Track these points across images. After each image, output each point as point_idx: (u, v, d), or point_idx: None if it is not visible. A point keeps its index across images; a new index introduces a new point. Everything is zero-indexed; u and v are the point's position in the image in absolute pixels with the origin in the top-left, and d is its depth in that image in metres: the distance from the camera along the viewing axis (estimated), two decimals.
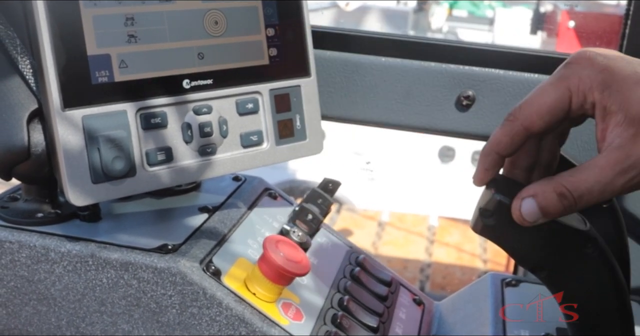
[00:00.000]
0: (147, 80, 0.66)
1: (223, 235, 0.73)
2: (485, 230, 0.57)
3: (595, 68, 0.54)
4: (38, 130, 0.65)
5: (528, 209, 0.54)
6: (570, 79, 0.54)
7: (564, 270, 0.59)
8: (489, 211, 0.56)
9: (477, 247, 3.98)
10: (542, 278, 0.60)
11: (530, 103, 0.56)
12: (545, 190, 0.53)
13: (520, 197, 0.54)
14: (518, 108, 0.56)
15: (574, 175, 0.53)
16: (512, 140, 0.56)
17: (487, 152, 0.58)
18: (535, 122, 0.55)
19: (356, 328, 0.72)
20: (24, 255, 0.68)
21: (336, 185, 0.81)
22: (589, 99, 0.54)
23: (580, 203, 0.53)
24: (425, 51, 0.93)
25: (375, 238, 3.95)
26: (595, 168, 0.52)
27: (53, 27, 0.61)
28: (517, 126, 0.56)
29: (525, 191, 0.54)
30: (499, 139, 0.57)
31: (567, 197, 0.53)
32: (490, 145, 0.58)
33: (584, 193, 0.52)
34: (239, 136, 0.73)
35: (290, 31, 0.76)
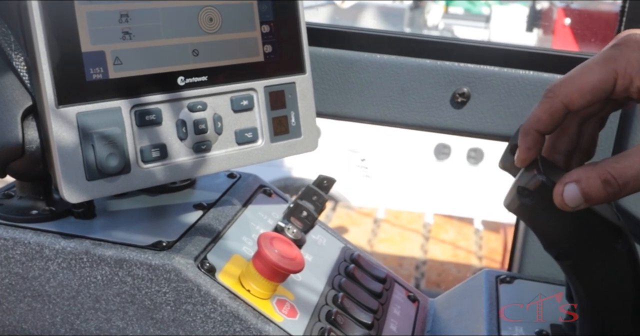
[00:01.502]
0: (141, 77, 0.66)
1: (218, 232, 0.73)
2: (520, 209, 0.57)
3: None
4: (32, 127, 0.65)
5: (570, 194, 0.53)
6: (618, 60, 0.53)
7: (589, 261, 0.59)
8: (528, 191, 0.55)
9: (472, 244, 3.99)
10: (565, 266, 0.60)
11: (572, 80, 0.54)
12: (589, 176, 0.52)
13: (563, 182, 0.53)
14: (558, 84, 0.55)
15: (619, 161, 0.52)
16: (551, 117, 0.55)
17: (527, 130, 0.57)
18: (575, 99, 0.54)
19: (351, 324, 0.72)
20: (19, 252, 0.68)
21: (331, 182, 0.81)
22: (635, 83, 0.53)
23: (625, 191, 0.52)
24: (420, 48, 0.93)
25: (371, 236, 3.95)
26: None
27: (47, 24, 0.61)
28: (556, 103, 0.55)
29: (569, 176, 0.53)
30: (538, 116, 0.56)
31: (612, 184, 0.52)
32: (529, 122, 0.57)
33: (630, 180, 0.51)
34: (233, 133, 0.73)
35: (285, 28, 0.76)
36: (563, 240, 0.59)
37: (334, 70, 0.94)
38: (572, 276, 0.61)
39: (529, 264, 0.96)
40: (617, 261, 0.58)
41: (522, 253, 0.97)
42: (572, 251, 0.59)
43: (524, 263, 0.96)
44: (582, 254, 0.59)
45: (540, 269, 0.96)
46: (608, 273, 0.59)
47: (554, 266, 0.95)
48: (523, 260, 0.96)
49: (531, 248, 0.96)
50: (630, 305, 0.60)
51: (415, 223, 4.19)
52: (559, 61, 0.93)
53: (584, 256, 0.59)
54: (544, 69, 0.92)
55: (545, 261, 0.96)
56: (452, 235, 4.08)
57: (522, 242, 0.97)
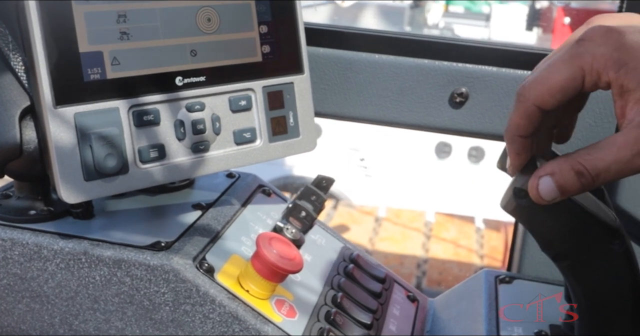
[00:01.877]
0: (139, 77, 0.66)
1: (216, 232, 0.73)
2: (517, 210, 0.57)
3: (610, 45, 0.52)
4: (30, 128, 0.65)
5: (545, 187, 0.53)
6: (583, 57, 0.52)
7: (586, 262, 0.59)
8: (525, 192, 0.55)
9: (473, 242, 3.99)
10: (562, 267, 0.60)
11: (541, 81, 0.54)
12: (562, 169, 0.52)
13: (537, 175, 0.53)
14: (527, 87, 0.55)
15: (591, 153, 0.52)
16: (529, 120, 0.55)
17: (510, 137, 0.57)
18: (547, 100, 0.54)
19: (350, 325, 0.72)
20: (17, 253, 0.68)
21: (330, 182, 0.81)
22: (603, 78, 0.52)
23: (598, 182, 0.52)
24: (419, 48, 0.93)
25: (372, 234, 3.95)
26: (614, 146, 0.51)
27: (45, 24, 0.61)
28: (530, 106, 0.55)
29: (542, 169, 0.53)
30: (516, 122, 0.56)
31: (585, 175, 0.52)
32: (510, 130, 0.57)
33: (601, 172, 0.51)
34: (232, 133, 0.73)
35: (284, 28, 0.76)
36: (560, 241, 0.59)
37: (332, 70, 0.94)
38: (569, 277, 0.61)
39: (528, 264, 0.96)
40: (614, 261, 0.58)
41: (521, 253, 0.97)
42: (569, 252, 0.59)
43: (523, 263, 0.96)
44: (579, 255, 0.59)
45: (539, 269, 0.96)
46: (605, 273, 0.59)
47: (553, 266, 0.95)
48: (522, 260, 0.96)
49: (530, 249, 0.96)
50: (629, 305, 0.61)
51: (417, 221, 4.19)
52: None
53: (581, 257, 0.59)
54: None
55: (544, 261, 0.96)
56: (453, 234, 4.08)
57: (521, 242, 0.97)
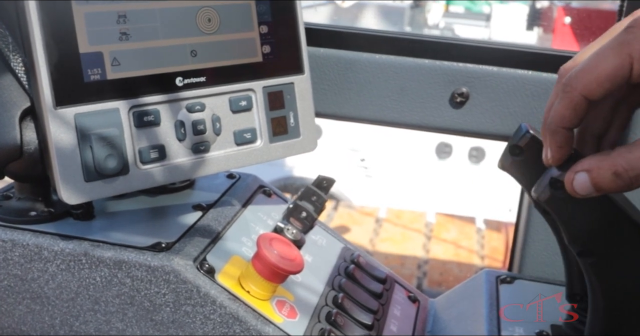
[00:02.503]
0: (139, 78, 0.66)
1: (217, 232, 0.73)
2: (550, 200, 0.57)
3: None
4: (30, 129, 0.65)
5: (581, 183, 0.52)
6: (632, 44, 0.51)
7: (612, 260, 0.58)
8: (561, 183, 0.55)
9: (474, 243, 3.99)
10: (586, 263, 0.59)
11: (588, 70, 0.53)
12: (600, 167, 0.51)
13: (574, 170, 0.53)
14: (574, 77, 0.53)
15: (632, 152, 0.51)
16: (575, 112, 0.54)
17: (554, 129, 0.55)
18: (594, 90, 0.52)
19: (351, 325, 0.72)
20: (17, 254, 0.68)
21: (330, 182, 0.81)
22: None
23: (637, 183, 0.51)
24: (419, 48, 0.93)
25: (373, 235, 3.95)
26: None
27: (45, 25, 0.61)
28: (576, 96, 0.53)
29: (580, 165, 0.53)
30: (561, 113, 0.54)
31: (623, 176, 0.51)
32: (554, 121, 0.55)
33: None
34: (232, 134, 0.73)
35: (284, 28, 0.76)
36: (589, 235, 0.58)
37: (332, 70, 0.94)
38: (591, 274, 0.60)
39: (529, 264, 0.96)
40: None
41: (522, 253, 0.97)
42: (596, 249, 0.58)
43: (524, 263, 0.96)
44: (606, 252, 0.58)
45: (540, 269, 0.96)
46: (629, 274, 0.59)
47: (554, 266, 0.96)
48: (523, 260, 0.96)
49: (531, 249, 0.96)
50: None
51: (417, 222, 4.19)
52: (558, 61, 0.92)
53: (608, 254, 0.58)
54: (543, 68, 0.92)
55: (545, 261, 0.96)
56: (454, 234, 4.08)
57: (522, 242, 0.97)
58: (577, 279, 0.71)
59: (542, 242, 0.96)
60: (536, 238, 0.96)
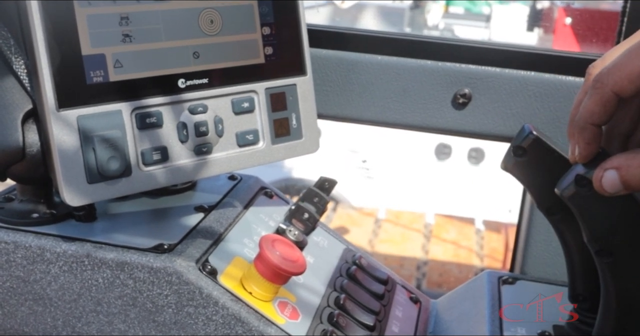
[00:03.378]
0: (142, 79, 0.66)
1: (219, 234, 0.73)
2: (574, 197, 0.56)
3: None
4: (33, 131, 0.65)
5: (609, 181, 0.52)
6: None
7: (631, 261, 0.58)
8: (587, 180, 0.55)
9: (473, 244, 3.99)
10: (603, 263, 0.59)
11: (620, 67, 0.53)
12: (630, 165, 0.51)
13: (603, 167, 0.53)
14: (605, 73, 0.53)
15: None
16: (604, 108, 0.53)
17: (583, 125, 0.55)
18: (626, 86, 0.52)
19: (353, 326, 0.72)
20: (20, 256, 0.68)
21: (332, 183, 0.81)
22: None
23: None
24: (422, 49, 0.93)
25: (372, 236, 3.95)
26: None
27: (47, 27, 0.61)
28: (607, 93, 0.53)
29: (610, 162, 0.53)
30: (591, 109, 0.54)
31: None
32: (583, 117, 0.55)
33: None
34: (234, 135, 0.73)
35: (286, 30, 0.76)
36: (610, 235, 0.58)
37: (335, 71, 0.94)
38: (607, 274, 0.60)
39: (530, 265, 0.96)
40: None
41: (524, 254, 0.97)
42: (616, 249, 0.58)
43: (525, 263, 0.96)
44: (625, 253, 0.58)
45: (542, 270, 0.96)
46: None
47: (556, 266, 0.96)
48: (525, 260, 0.96)
49: (533, 249, 0.96)
50: None
51: (417, 223, 4.19)
52: (561, 62, 0.93)
53: (627, 255, 0.58)
54: (545, 69, 0.92)
55: (547, 262, 0.96)
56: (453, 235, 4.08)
57: (524, 243, 0.97)
58: (580, 280, 0.71)
59: (543, 242, 0.96)
60: (538, 239, 0.96)
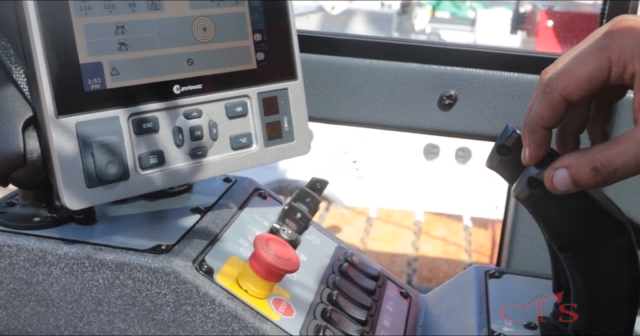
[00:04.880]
0: (138, 86, 0.66)
1: (215, 234, 0.73)
2: (529, 199, 0.57)
3: (637, 37, 0.51)
4: (33, 137, 0.65)
5: (560, 179, 0.53)
6: (610, 48, 0.52)
7: (591, 254, 0.59)
8: (539, 181, 0.56)
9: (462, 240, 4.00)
10: (566, 258, 0.60)
11: (568, 73, 0.53)
12: (579, 163, 0.52)
13: (553, 167, 0.53)
14: (555, 78, 0.54)
15: (610, 148, 0.51)
16: (554, 112, 0.54)
17: (533, 128, 0.55)
18: (573, 91, 0.53)
19: (345, 321, 0.73)
20: (22, 258, 0.68)
21: (324, 184, 0.81)
22: (628, 69, 0.52)
23: (615, 178, 0.51)
24: (408, 53, 0.93)
25: (364, 234, 3.96)
26: (633, 140, 0.50)
27: (45, 37, 0.61)
28: (556, 97, 0.54)
29: (560, 162, 0.53)
30: (541, 113, 0.55)
31: (601, 171, 0.51)
32: (534, 120, 0.55)
33: (619, 168, 0.51)
34: (228, 138, 0.73)
35: (277, 36, 0.76)
36: (567, 231, 0.58)
37: (325, 75, 0.94)
38: (571, 267, 0.61)
39: (516, 259, 0.96)
40: (618, 256, 0.58)
41: (509, 248, 0.97)
42: (575, 243, 0.59)
43: (511, 258, 0.97)
44: (585, 247, 0.59)
45: (527, 263, 0.96)
46: (608, 267, 0.59)
47: (541, 260, 0.96)
48: (511, 255, 0.97)
49: (518, 244, 0.96)
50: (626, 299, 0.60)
51: (407, 221, 4.20)
52: (542, 63, 0.92)
53: (587, 249, 0.59)
54: (528, 70, 0.92)
55: (532, 256, 0.97)
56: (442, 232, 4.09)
57: (510, 238, 0.97)
58: (563, 272, 0.71)
59: (528, 237, 0.96)
60: (523, 234, 0.96)
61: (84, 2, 0.63)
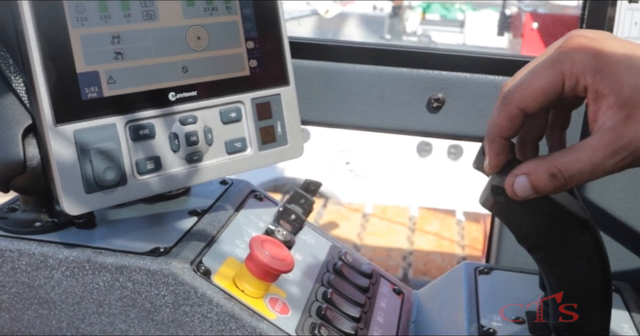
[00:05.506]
0: (134, 94, 0.66)
1: (212, 236, 0.72)
2: (495, 206, 0.57)
3: (588, 53, 0.52)
4: (33, 145, 0.65)
5: (520, 186, 0.53)
6: (563, 62, 0.53)
7: (559, 252, 0.59)
8: (502, 189, 0.56)
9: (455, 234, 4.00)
10: (537, 258, 0.60)
11: (524, 86, 0.54)
12: (538, 170, 0.53)
13: (514, 174, 0.54)
14: (512, 91, 0.55)
15: (566, 155, 0.52)
16: (511, 123, 0.55)
17: (492, 138, 0.56)
18: (529, 103, 0.54)
19: (340, 318, 0.72)
20: (24, 263, 0.67)
21: (317, 185, 0.81)
22: (581, 83, 0.53)
23: (571, 183, 0.52)
24: (397, 58, 0.93)
25: (360, 230, 3.95)
26: (588, 148, 0.51)
27: (43, 47, 0.60)
28: (513, 109, 0.55)
29: (519, 169, 0.54)
30: (499, 124, 0.56)
31: (558, 177, 0.52)
32: (492, 131, 0.56)
33: (575, 174, 0.51)
34: (223, 143, 0.73)
35: (269, 43, 0.76)
36: (534, 234, 0.59)
37: (316, 80, 0.94)
38: (543, 267, 0.61)
39: (505, 255, 0.96)
40: (585, 252, 0.59)
41: (498, 245, 0.97)
42: (543, 244, 0.59)
43: (500, 254, 0.97)
44: (553, 246, 0.59)
45: (516, 259, 0.96)
46: (577, 263, 0.60)
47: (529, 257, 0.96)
48: (500, 251, 0.97)
49: (507, 241, 0.96)
50: (599, 293, 0.61)
51: (401, 216, 4.20)
52: None
53: (554, 248, 0.59)
54: (512, 74, 0.91)
55: (520, 252, 0.96)
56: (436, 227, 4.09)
57: (498, 235, 0.97)
58: None
59: None
60: None
61: (80, 14, 0.62)
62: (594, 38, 0.53)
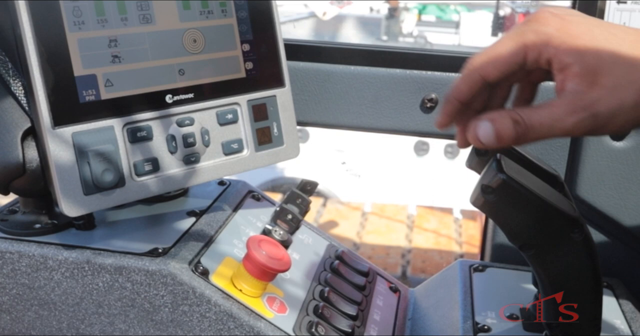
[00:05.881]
0: (131, 97, 0.65)
1: (210, 236, 0.72)
2: (485, 205, 0.57)
3: (552, 26, 0.53)
4: (32, 147, 0.64)
5: (484, 131, 0.54)
6: (527, 34, 0.54)
7: (549, 250, 0.59)
8: (491, 188, 0.56)
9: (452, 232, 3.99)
10: (528, 256, 0.60)
11: (487, 53, 0.55)
12: (502, 116, 0.53)
13: (477, 119, 0.54)
14: (475, 58, 0.56)
15: (529, 107, 0.53)
16: (470, 88, 0.56)
17: (449, 99, 0.58)
18: (490, 72, 0.55)
19: (337, 317, 0.72)
20: (24, 264, 0.67)
21: (313, 185, 0.81)
22: (544, 55, 0.53)
23: (531, 134, 0.53)
24: (391, 59, 0.93)
25: (360, 228, 3.95)
26: (550, 105, 0.52)
27: (41, 51, 0.60)
28: (475, 75, 0.56)
29: (484, 115, 0.54)
30: (459, 87, 0.57)
31: (520, 124, 0.52)
32: (451, 92, 0.58)
33: (535, 124, 0.52)
34: (220, 145, 0.72)
35: (265, 46, 0.76)
36: (525, 232, 0.59)
37: (312, 82, 0.94)
38: (534, 264, 0.61)
39: (499, 253, 0.96)
40: (575, 249, 0.59)
41: (492, 243, 0.97)
42: (534, 242, 0.59)
43: (494, 252, 0.96)
44: (543, 244, 0.59)
45: (510, 257, 0.96)
46: (567, 260, 0.59)
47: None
48: (494, 249, 0.96)
49: (500, 239, 0.96)
50: (589, 289, 0.61)
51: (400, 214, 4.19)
52: None
53: (545, 246, 0.59)
54: None
55: (514, 249, 0.96)
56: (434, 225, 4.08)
57: (492, 233, 0.97)
58: None
59: None
60: None
61: (77, 18, 0.62)
62: (559, 14, 0.54)
